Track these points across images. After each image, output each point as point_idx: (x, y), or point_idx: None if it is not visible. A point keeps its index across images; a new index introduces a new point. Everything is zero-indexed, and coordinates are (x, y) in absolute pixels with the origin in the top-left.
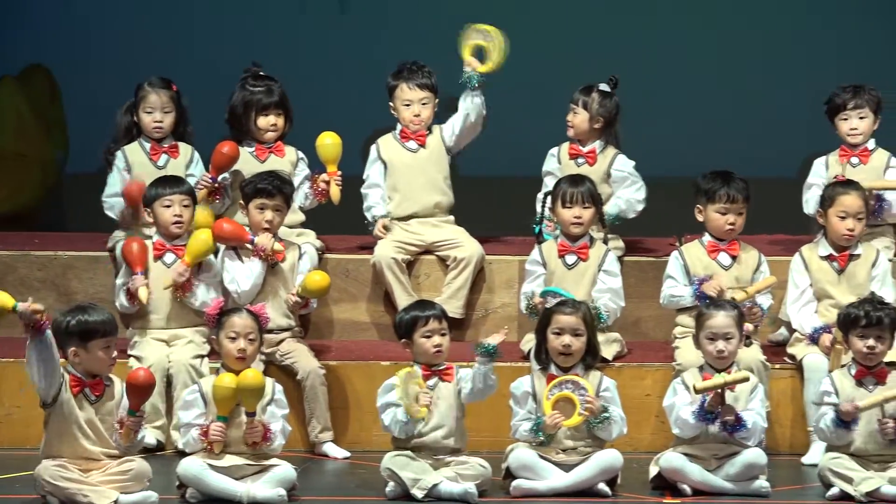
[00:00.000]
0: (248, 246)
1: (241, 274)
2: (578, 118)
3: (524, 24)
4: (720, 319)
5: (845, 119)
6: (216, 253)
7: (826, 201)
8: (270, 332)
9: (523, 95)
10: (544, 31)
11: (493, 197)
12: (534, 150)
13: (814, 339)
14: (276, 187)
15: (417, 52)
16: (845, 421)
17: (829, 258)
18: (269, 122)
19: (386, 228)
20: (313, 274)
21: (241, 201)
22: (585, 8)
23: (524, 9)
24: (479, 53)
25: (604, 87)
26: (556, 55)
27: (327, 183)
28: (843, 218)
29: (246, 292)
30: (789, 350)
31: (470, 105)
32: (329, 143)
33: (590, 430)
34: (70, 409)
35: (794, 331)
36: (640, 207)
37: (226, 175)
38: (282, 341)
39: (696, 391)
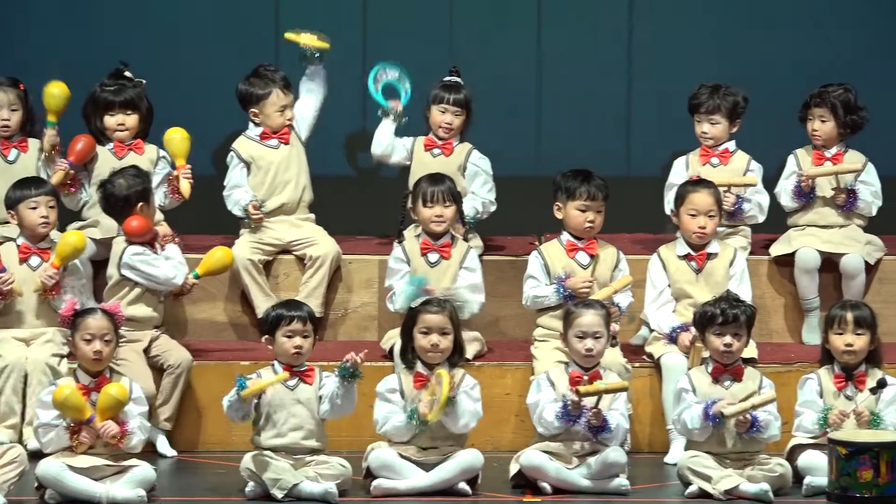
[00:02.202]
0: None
1: (175, 260)
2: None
3: (378, 25)
4: (590, 318)
5: (699, 121)
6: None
7: (678, 200)
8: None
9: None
10: (393, 31)
11: (353, 196)
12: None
13: (672, 338)
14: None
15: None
16: (715, 416)
17: (686, 258)
18: (115, 121)
19: (257, 209)
20: (215, 250)
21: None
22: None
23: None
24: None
25: (449, 79)
26: (410, 53)
27: (177, 178)
28: (693, 216)
29: (186, 271)
30: (647, 349)
31: (319, 83)
32: (176, 137)
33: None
34: None
35: (654, 330)
36: (493, 208)
37: (84, 171)
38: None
39: (580, 395)
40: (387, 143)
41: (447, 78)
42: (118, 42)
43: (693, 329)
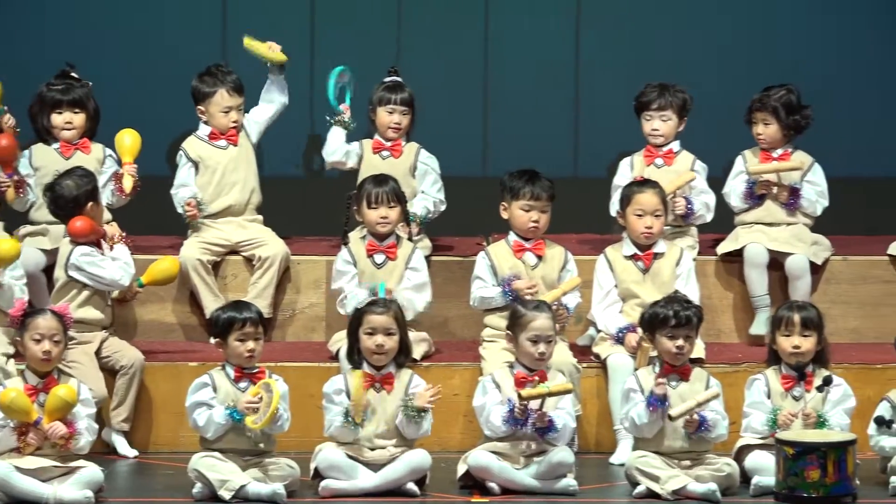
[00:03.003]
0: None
1: (122, 262)
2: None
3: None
4: (542, 321)
5: (648, 119)
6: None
7: (624, 200)
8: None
9: (321, 97)
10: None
11: (301, 198)
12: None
13: (619, 339)
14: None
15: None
16: (656, 398)
17: (633, 258)
18: (63, 119)
19: (192, 206)
20: (162, 260)
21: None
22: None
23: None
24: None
25: (390, 79)
26: (357, 54)
27: (122, 176)
28: (640, 216)
29: (135, 273)
30: (594, 349)
31: (277, 92)
32: (128, 137)
33: (399, 428)
34: None
35: (601, 330)
36: (443, 208)
37: (20, 171)
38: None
39: (522, 398)
40: (340, 149)
41: (388, 79)
42: (64, 42)
43: (640, 330)
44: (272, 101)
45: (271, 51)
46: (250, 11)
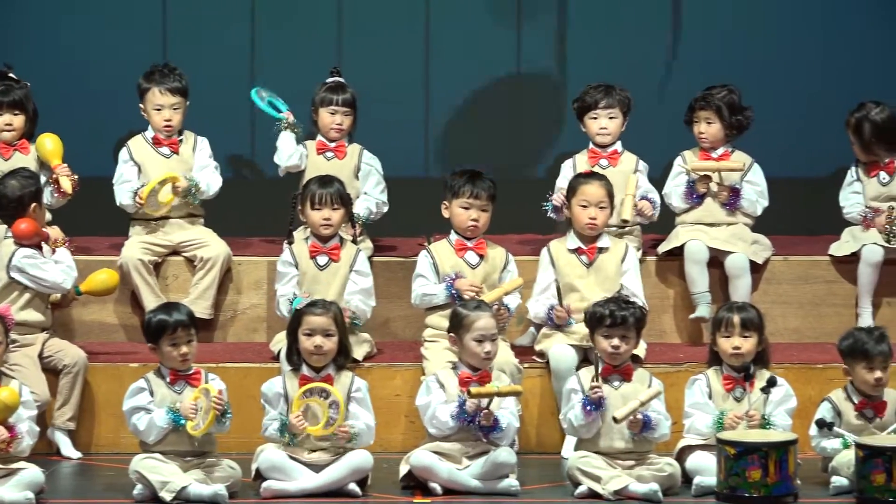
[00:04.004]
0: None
1: (64, 265)
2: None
3: (266, 25)
4: (485, 320)
5: (595, 118)
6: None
7: (569, 192)
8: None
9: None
10: (280, 33)
11: (243, 199)
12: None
13: (550, 318)
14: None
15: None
16: (592, 403)
17: (577, 251)
18: (3, 121)
19: (141, 197)
20: (101, 272)
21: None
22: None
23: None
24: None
25: (332, 80)
26: (298, 55)
27: (57, 180)
28: (584, 207)
29: (77, 276)
30: (537, 347)
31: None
32: (45, 142)
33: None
34: None
35: (541, 327)
36: (386, 209)
37: None
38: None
39: (471, 396)
40: (295, 153)
41: (330, 79)
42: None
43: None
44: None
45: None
46: (190, 10)
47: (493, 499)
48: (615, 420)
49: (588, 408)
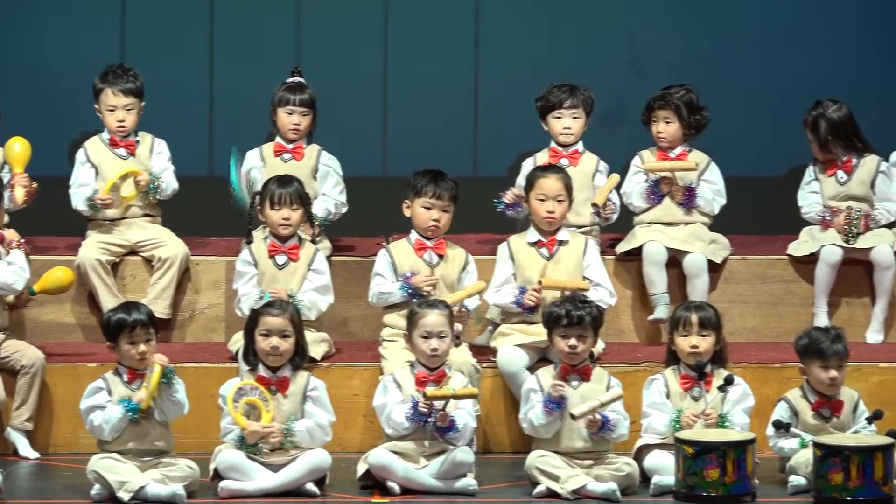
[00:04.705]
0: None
1: (17, 266)
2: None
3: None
4: (434, 318)
5: (559, 117)
6: None
7: (527, 185)
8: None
9: (222, 97)
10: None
11: (201, 198)
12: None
13: (519, 302)
14: None
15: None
16: (553, 402)
17: (537, 244)
18: None
19: (102, 197)
20: (55, 270)
21: None
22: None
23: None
24: None
25: (292, 80)
26: (257, 53)
27: (13, 186)
28: (542, 200)
29: (30, 277)
30: (492, 345)
31: None
32: (17, 146)
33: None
34: None
35: (498, 326)
36: (345, 210)
37: None
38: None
39: (427, 398)
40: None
41: (290, 79)
42: None
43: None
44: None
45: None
46: (149, 9)
47: (451, 498)
48: (572, 417)
49: (549, 406)
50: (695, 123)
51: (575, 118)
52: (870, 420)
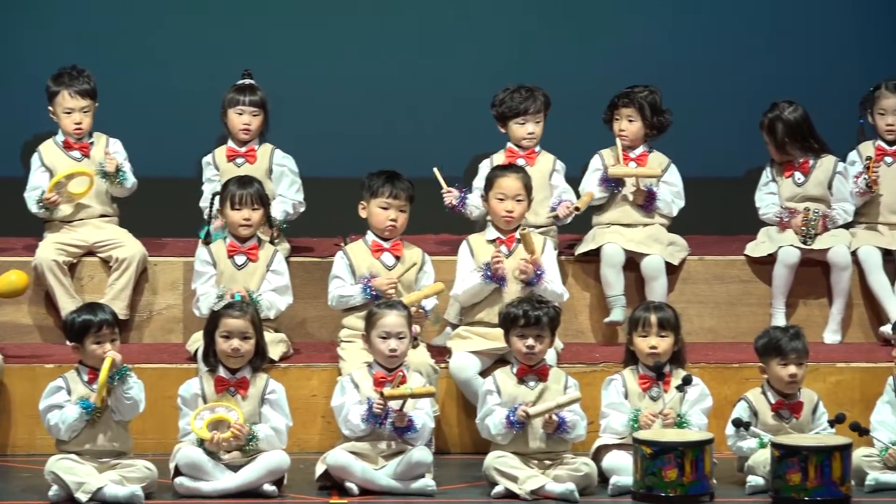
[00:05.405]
0: None
1: None
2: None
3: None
4: (393, 318)
5: (522, 123)
6: None
7: (486, 185)
8: None
9: (179, 98)
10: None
11: (158, 199)
12: (193, 154)
13: (487, 274)
14: None
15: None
16: (518, 423)
17: (496, 241)
18: None
19: (48, 199)
20: (10, 273)
21: None
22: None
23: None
24: None
25: (242, 81)
26: (210, 52)
27: None
28: (501, 200)
29: None
30: (448, 344)
31: None
32: None
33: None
34: None
35: (456, 326)
36: (303, 209)
37: None
38: None
39: (384, 398)
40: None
41: (241, 81)
42: None
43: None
44: None
45: None
46: (102, 9)
47: (410, 499)
48: (527, 415)
49: (514, 427)
50: (657, 124)
51: (537, 122)
52: (832, 423)
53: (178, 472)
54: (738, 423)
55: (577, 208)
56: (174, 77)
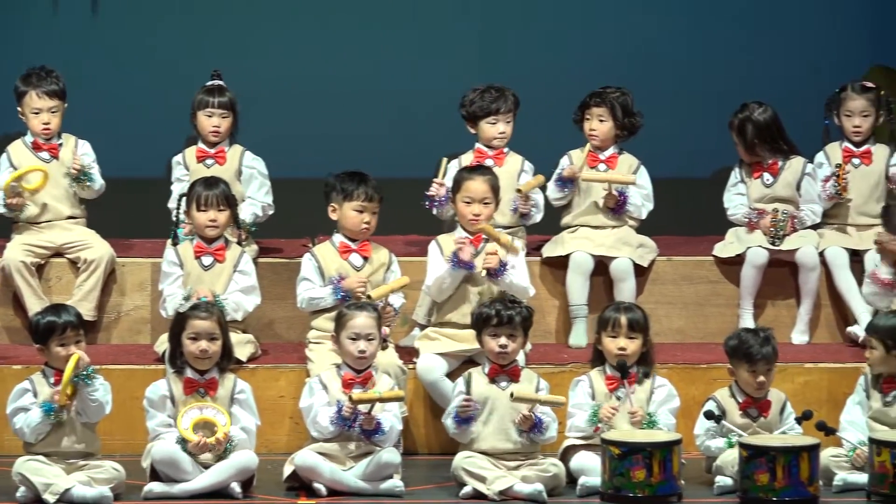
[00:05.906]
0: None
1: None
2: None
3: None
4: (362, 320)
5: (493, 123)
6: None
7: (454, 187)
8: None
9: (151, 97)
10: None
11: (126, 200)
12: (161, 155)
13: (454, 261)
14: None
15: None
16: (464, 418)
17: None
18: None
19: (18, 196)
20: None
21: None
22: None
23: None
24: None
25: (211, 83)
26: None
27: None
28: (468, 203)
29: None
30: (416, 345)
31: None
32: None
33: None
34: None
35: (425, 327)
36: (272, 211)
37: None
38: None
39: (353, 402)
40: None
41: (210, 82)
42: None
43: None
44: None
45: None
46: (72, 8)
47: (378, 500)
48: (511, 396)
49: (457, 421)
50: (628, 125)
51: (507, 122)
52: (799, 420)
53: (153, 471)
54: (709, 416)
55: (518, 190)
56: (143, 77)
